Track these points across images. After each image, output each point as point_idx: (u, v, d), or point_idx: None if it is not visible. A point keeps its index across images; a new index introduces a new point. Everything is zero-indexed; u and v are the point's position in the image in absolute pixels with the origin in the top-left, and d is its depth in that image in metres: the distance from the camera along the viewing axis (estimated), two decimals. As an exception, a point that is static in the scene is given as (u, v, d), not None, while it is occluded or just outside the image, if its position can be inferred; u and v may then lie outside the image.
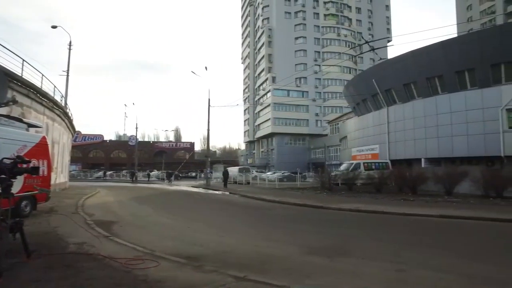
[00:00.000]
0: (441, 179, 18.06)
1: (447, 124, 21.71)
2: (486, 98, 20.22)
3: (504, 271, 5.16)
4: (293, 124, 61.88)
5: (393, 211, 12.27)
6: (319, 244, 7.08)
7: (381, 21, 70.74)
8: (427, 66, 23.40)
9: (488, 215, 11.09)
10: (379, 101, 28.14)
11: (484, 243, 7.51)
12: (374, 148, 27.48)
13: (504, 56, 20.41)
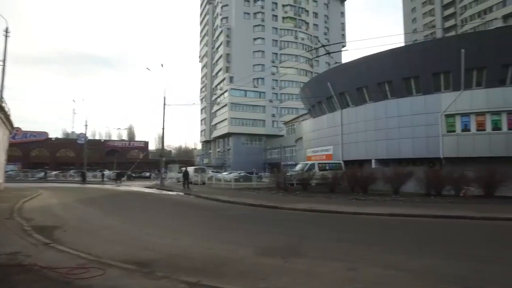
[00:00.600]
0: (389, 179, 19.07)
1: (395, 127, 22.98)
2: (429, 104, 21.71)
3: (451, 264, 5.48)
4: (249, 125, 62.18)
5: (345, 210, 12.68)
6: (274, 245, 7.08)
7: (337, 27, 73.51)
8: (378, 72, 24.63)
9: (430, 213, 11.87)
10: (334, 104, 29.12)
11: (427, 239, 7.98)
12: (328, 149, 28.38)
13: (443, 66, 22.08)
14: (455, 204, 14.53)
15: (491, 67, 21.07)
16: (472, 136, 20.37)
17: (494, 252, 6.54)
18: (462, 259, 5.92)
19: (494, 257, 6.09)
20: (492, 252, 6.54)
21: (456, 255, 6.23)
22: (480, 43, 21.59)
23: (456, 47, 21.52)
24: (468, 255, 6.21)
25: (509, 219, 10.92)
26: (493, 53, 20.64)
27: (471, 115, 20.56)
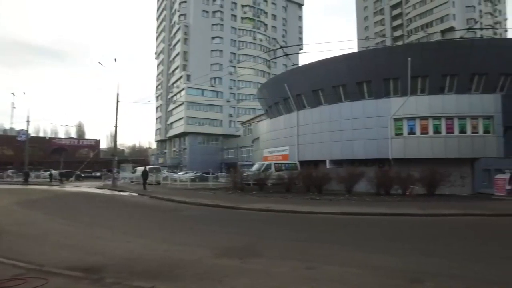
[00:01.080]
0: (343, 179, 19.83)
1: (349, 129, 23.92)
2: (379, 108, 22.88)
3: (400, 259, 5.77)
4: (206, 124, 61.45)
5: (301, 210, 12.93)
6: (231, 246, 6.99)
7: (294, 30, 75.08)
8: (333, 75, 25.49)
9: (380, 211, 12.50)
10: (290, 105, 29.67)
11: (379, 236, 8.36)
12: (285, 149, 28.84)
13: (392, 72, 23.43)
14: (402, 202, 15.45)
15: (433, 76, 22.75)
16: (417, 139, 21.81)
17: (437, 246, 7.02)
18: (410, 253, 6.28)
19: (438, 250, 6.54)
20: (435, 246, 7.01)
21: (404, 250, 6.59)
22: (423, 53, 23.21)
23: (403, 55, 22.93)
24: (415, 249, 6.60)
25: (447, 215, 11.87)
26: (434, 63, 22.29)
27: (416, 119, 22.00)
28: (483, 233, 9.04)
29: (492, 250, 6.83)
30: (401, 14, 75.90)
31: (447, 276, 4.83)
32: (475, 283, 4.57)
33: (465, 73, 22.53)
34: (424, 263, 5.64)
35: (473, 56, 22.20)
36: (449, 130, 21.44)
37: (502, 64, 22.14)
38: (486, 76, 22.53)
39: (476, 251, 6.72)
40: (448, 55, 22.46)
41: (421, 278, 4.74)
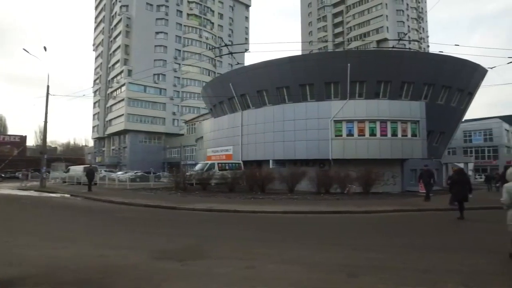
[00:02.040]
0: (285, 179, 20.28)
1: (291, 130, 24.53)
2: (321, 110, 23.82)
3: (340, 255, 5.94)
4: (148, 122, 59.03)
5: (244, 209, 12.90)
6: (171, 248, 6.67)
7: (241, 30, 75.29)
8: (277, 77, 25.99)
9: (320, 209, 12.96)
10: (235, 105, 29.63)
11: (319, 233, 8.59)
12: (229, 149, 28.71)
13: (333, 76, 24.57)
14: (341, 200, 16.21)
15: (369, 82, 24.30)
16: (355, 141, 23.08)
17: (372, 241, 7.40)
18: (348, 249, 6.52)
19: (372, 245, 6.88)
20: (370, 241, 7.38)
21: (343, 246, 6.84)
22: (361, 60, 24.69)
23: (344, 61, 24.15)
24: (352, 245, 6.87)
25: (380, 211, 12.70)
26: (370, 70, 23.84)
27: (354, 122, 23.27)
28: (410, 227, 9.77)
29: (417, 242, 7.37)
30: (342, 23, 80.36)
31: (381, 269, 5.07)
32: (406, 273, 4.85)
33: (397, 81, 24.40)
34: (360, 257, 5.88)
35: (403, 65, 24.17)
36: (383, 132, 23.02)
37: (426, 75, 24.40)
38: (413, 85, 24.61)
39: (405, 244, 7.19)
40: (383, 63, 24.18)
41: (358, 273, 4.92)
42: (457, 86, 25.97)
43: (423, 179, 16.65)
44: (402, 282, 4.47)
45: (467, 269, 5.14)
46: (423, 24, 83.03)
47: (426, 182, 16.39)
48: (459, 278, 4.61)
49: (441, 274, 4.84)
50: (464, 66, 25.85)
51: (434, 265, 5.34)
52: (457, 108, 27.38)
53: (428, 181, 16.35)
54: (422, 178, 16.81)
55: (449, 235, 8.51)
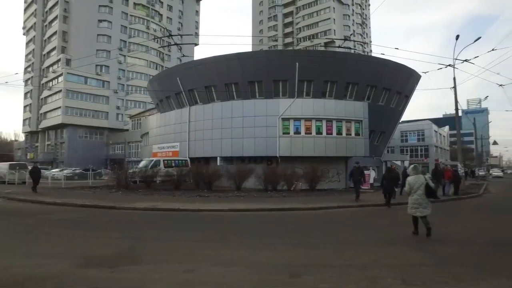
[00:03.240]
0: (232, 176, 20.00)
1: (240, 127, 24.29)
2: (269, 108, 23.88)
3: (285, 254, 5.75)
4: (89, 116, 55.15)
5: (189, 207, 12.39)
6: (102, 253, 6.01)
7: (191, 24, 73.34)
8: (226, 73, 25.56)
9: (267, 206, 12.85)
10: (182, 100, 28.65)
11: (265, 232, 8.39)
12: (175, 145, 27.71)
13: (282, 75, 24.76)
14: (288, 197, 16.32)
15: (316, 81, 24.87)
16: (302, 138, 23.49)
17: (316, 238, 7.36)
18: (293, 247, 6.39)
19: (317, 242, 6.82)
20: (315, 238, 7.34)
21: (288, 244, 6.70)
22: (309, 60, 25.19)
23: (292, 60, 24.45)
24: (297, 243, 6.77)
25: (325, 208, 12.95)
26: (318, 70, 24.41)
27: (301, 120, 23.66)
28: (352, 223, 10.02)
29: (359, 237, 7.50)
30: (292, 23, 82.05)
31: (324, 267, 4.98)
32: (348, 270, 4.80)
33: (342, 81, 25.28)
34: (304, 256, 5.77)
35: (348, 67, 25.10)
36: (329, 131, 23.71)
37: (369, 77, 25.60)
38: (357, 86, 25.69)
39: (348, 240, 7.28)
40: (329, 64, 24.88)
41: (301, 272, 4.77)
42: (396, 88, 27.63)
43: (353, 178, 15.54)
44: (344, 280, 4.40)
45: (405, 262, 5.26)
46: (366, 29, 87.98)
47: (356, 180, 15.35)
48: (397, 272, 4.66)
49: (381, 269, 4.87)
50: (402, 70, 27.57)
51: (375, 260, 5.38)
52: (395, 110, 29.15)
53: (359, 179, 15.38)
54: (352, 176, 15.63)
55: (388, 229, 8.82)
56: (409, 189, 7.59)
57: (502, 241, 7.13)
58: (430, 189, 7.41)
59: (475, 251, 6.18)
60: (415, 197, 7.42)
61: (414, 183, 7.48)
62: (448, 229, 8.61)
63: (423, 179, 7.49)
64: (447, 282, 4.16)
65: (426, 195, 7.38)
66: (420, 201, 7.36)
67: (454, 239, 7.29)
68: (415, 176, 7.60)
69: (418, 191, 7.40)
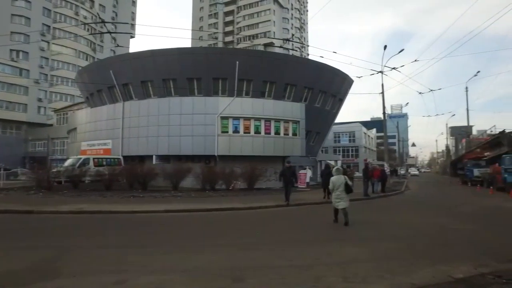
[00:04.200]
0: (169, 175, 19.26)
1: (177, 125, 23.51)
2: (208, 106, 23.50)
3: (223, 257, 5.54)
4: (3, 108, 48.88)
5: (121, 209, 11.56)
6: (11, 268, 5.16)
7: (126, 15, 69.05)
8: (164, 68, 24.52)
9: (204, 206, 12.53)
10: (116, 94, 26.84)
11: (202, 234, 8.09)
12: (107, 143, 25.86)
13: (222, 72, 24.52)
14: (226, 197, 16.14)
15: (256, 81, 25.11)
16: (240, 137, 23.52)
17: (259, 238, 7.29)
18: (235, 249, 6.20)
19: (260, 243, 6.74)
20: (257, 238, 7.26)
21: (228, 246, 6.50)
22: (250, 59, 25.33)
23: (232, 58, 24.34)
24: (239, 245, 6.61)
25: (263, 207, 13.03)
26: (257, 70, 24.66)
27: (240, 119, 23.69)
28: (292, 222, 10.17)
29: (301, 236, 7.62)
30: (233, 22, 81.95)
31: (268, 269, 4.89)
32: (291, 271, 4.76)
33: (281, 82, 25.85)
34: (246, 258, 5.64)
35: (287, 68, 25.76)
36: (267, 131, 24.09)
37: (306, 79, 26.58)
38: (295, 87, 26.50)
39: (289, 239, 7.33)
40: (269, 65, 25.27)
41: (244, 276, 4.62)
42: (331, 91, 29.08)
43: (284, 178, 14.02)
44: (288, 282, 4.35)
45: (345, 259, 5.41)
46: (304, 34, 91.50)
47: (288, 180, 13.88)
48: (339, 270, 4.75)
49: (323, 267, 4.92)
50: (337, 75, 29.12)
51: (317, 259, 5.45)
52: (330, 112, 30.70)
53: (290, 180, 14.00)
54: (283, 176, 14.08)
55: (326, 226, 9.11)
56: (332, 186, 9.09)
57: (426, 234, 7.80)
58: (348, 186, 8.93)
59: (406, 244, 6.63)
60: (337, 193, 8.93)
61: (336, 182, 8.98)
62: (381, 225, 9.23)
63: (343, 178, 9.00)
64: (383, 276, 4.36)
65: (345, 191, 8.87)
66: (341, 196, 8.88)
67: (387, 234, 7.85)
68: (337, 176, 9.10)
69: (339, 188, 8.89)
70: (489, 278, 4.23)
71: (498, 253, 5.76)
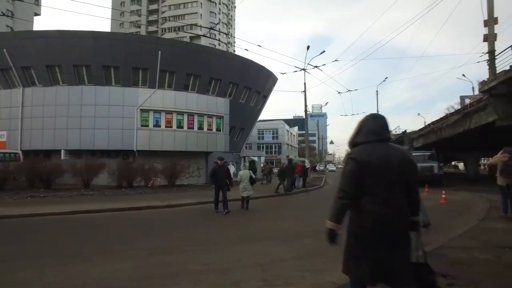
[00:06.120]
0: (79, 172, 17.47)
1: (91, 116, 21.37)
2: (127, 97, 21.80)
3: (129, 265, 4.91)
4: None
5: (15, 213, 9.90)
6: None
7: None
8: (76, 52, 21.92)
9: (119, 206, 11.50)
10: (12, 79, 23.13)
11: (112, 237, 7.25)
12: (1, 135, 22.29)
13: (143, 62, 22.91)
14: (144, 195, 15.17)
15: (179, 73, 24.06)
16: (162, 132, 22.35)
17: (170, 239, 6.76)
18: (145, 255, 5.57)
19: (172, 246, 6.24)
20: (171, 240, 6.73)
21: (138, 252, 5.84)
22: (173, 50, 24.13)
23: (155, 48, 22.91)
24: (150, 249, 5.99)
25: (183, 204, 12.50)
26: (181, 61, 23.64)
27: (162, 112, 22.51)
28: (214, 220, 9.77)
29: (219, 236, 7.30)
30: (158, 11, 77.98)
31: (181, 275, 4.43)
32: (208, 276, 4.38)
33: (205, 76, 25.21)
34: (156, 264, 5.08)
35: (212, 62, 25.21)
36: (190, 125, 23.32)
37: (232, 74, 26.40)
38: (220, 82, 26.12)
39: (208, 239, 6.93)
40: (194, 57, 24.40)
41: (151, 284, 4.11)
42: (256, 88, 29.37)
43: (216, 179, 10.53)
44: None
45: (267, 259, 5.16)
46: (231, 30, 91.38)
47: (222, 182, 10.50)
48: (260, 272, 4.49)
49: (243, 270, 4.63)
50: (262, 72, 29.51)
51: (237, 261, 5.13)
52: (254, 108, 31.03)
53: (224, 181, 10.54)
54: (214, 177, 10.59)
55: (251, 224, 8.94)
56: (239, 178, 11.26)
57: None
58: (252, 179, 11.35)
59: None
60: (243, 184, 11.17)
61: (243, 174, 11.34)
62: (303, 220, 9.33)
63: (248, 172, 11.30)
64: (304, 276, 4.25)
65: (250, 183, 11.21)
66: (246, 187, 11.16)
67: (309, 230, 7.56)
68: (244, 170, 11.51)
69: (245, 180, 11.17)
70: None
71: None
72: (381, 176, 2.24)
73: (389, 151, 2.32)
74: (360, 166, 2.25)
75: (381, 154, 2.28)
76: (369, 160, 2.25)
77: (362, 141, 2.37)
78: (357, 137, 2.44)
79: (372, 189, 2.24)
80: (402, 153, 2.38)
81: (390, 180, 2.25)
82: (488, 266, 4.55)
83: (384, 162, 2.26)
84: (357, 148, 2.37)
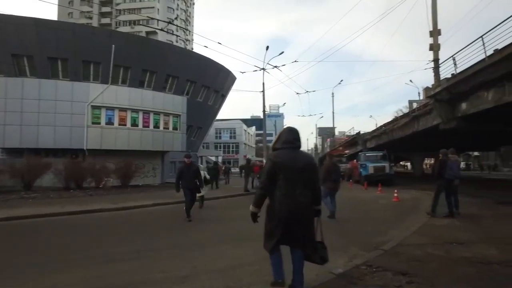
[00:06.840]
0: (19, 172, 15.97)
1: (34, 112, 19.63)
2: (76, 92, 20.32)
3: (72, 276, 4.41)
4: None
5: None
6: None
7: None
8: (16, 40, 20.12)
9: (65, 210, 10.62)
10: None
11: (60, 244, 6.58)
12: None
13: (94, 56, 21.58)
14: (95, 196, 14.29)
15: (134, 69, 23.03)
16: (115, 130, 21.16)
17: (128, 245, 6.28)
18: (100, 263, 5.07)
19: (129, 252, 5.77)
20: (127, 246, 6.24)
21: (92, 260, 5.29)
22: (128, 44, 23.05)
23: (108, 41, 21.71)
24: (105, 256, 5.48)
25: (138, 206, 11.89)
26: (137, 57, 22.63)
27: (115, 109, 21.30)
28: (171, 223, 9.32)
29: (179, 240, 6.93)
30: (112, 3, 74.23)
31: (138, 285, 4.06)
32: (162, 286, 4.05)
33: (162, 73, 24.36)
34: (113, 272, 4.63)
35: (170, 59, 24.45)
36: (146, 124, 22.34)
37: (189, 72, 25.78)
38: (177, 79, 25.39)
39: (166, 244, 6.53)
40: (150, 53, 23.49)
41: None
42: (214, 87, 28.98)
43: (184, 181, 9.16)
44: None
45: (228, 263, 4.94)
46: (190, 27, 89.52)
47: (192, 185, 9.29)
48: (221, 278, 4.25)
49: (203, 277, 4.35)
50: (221, 71, 29.18)
51: (196, 266, 4.83)
52: (212, 107, 30.60)
53: (194, 183, 9.35)
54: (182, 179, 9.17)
55: (209, 226, 8.60)
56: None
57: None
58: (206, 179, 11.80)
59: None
60: None
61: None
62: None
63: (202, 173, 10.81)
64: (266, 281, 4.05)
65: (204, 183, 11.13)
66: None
67: None
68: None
69: None
70: (363, 269, 4.42)
71: (363, 242, 6.25)
72: (288, 174, 3.07)
73: (296, 156, 3.17)
74: (275, 165, 3.12)
75: (290, 158, 3.12)
76: (281, 161, 3.10)
77: (279, 147, 3.23)
78: (276, 143, 3.29)
79: (281, 183, 3.08)
80: (307, 158, 3.34)
81: (294, 177, 3.08)
82: (441, 262, 4.81)
83: (291, 164, 3.09)
84: (275, 152, 3.23)
